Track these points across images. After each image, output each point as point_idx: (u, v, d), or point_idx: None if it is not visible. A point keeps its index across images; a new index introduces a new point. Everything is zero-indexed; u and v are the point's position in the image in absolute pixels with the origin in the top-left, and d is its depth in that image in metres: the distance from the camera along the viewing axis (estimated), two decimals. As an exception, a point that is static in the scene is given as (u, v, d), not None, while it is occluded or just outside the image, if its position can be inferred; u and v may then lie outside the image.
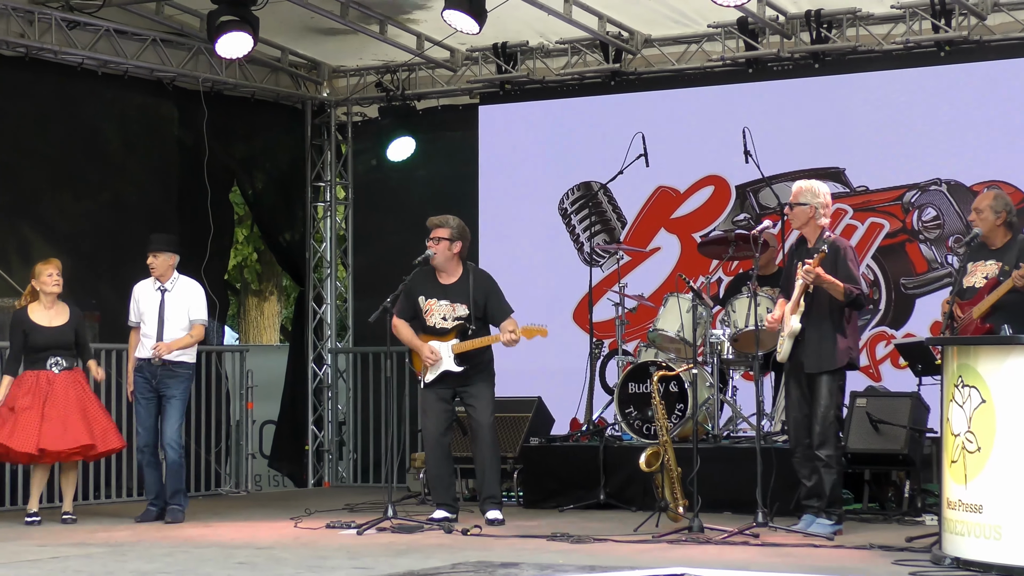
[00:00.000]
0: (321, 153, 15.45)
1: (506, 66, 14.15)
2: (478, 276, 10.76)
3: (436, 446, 10.72)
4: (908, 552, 8.49)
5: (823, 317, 9.58)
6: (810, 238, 9.75)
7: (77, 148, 13.26)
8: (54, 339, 11.13)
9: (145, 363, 11.26)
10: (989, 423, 7.60)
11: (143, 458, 11.33)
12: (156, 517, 11.17)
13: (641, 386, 11.58)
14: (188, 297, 11.36)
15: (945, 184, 12.57)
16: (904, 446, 10.65)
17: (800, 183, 9.92)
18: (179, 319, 11.27)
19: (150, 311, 11.29)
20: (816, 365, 9.58)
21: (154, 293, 11.34)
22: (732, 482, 10.59)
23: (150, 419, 11.29)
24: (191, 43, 13.71)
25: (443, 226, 10.65)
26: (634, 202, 13.74)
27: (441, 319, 10.64)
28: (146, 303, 11.33)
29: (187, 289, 11.41)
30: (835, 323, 9.60)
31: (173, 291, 11.34)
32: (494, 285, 10.76)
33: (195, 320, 11.31)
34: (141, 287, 11.44)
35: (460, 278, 10.69)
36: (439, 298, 10.67)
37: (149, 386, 11.26)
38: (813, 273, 9.38)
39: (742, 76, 13.32)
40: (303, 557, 8.72)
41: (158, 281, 11.35)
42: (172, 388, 11.22)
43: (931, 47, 12.56)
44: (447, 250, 10.63)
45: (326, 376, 15.32)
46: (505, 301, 10.73)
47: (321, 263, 15.52)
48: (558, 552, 8.83)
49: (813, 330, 9.58)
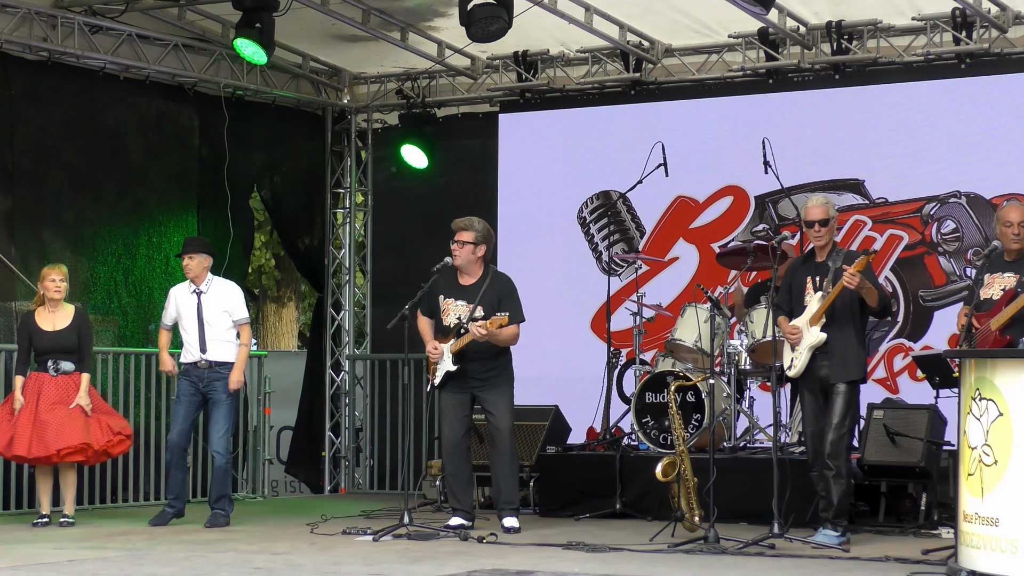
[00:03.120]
0: (341, 159, 15.48)
1: (526, 74, 14.17)
2: (496, 279, 10.73)
3: (454, 451, 10.73)
4: (924, 565, 8.48)
5: (846, 327, 9.58)
6: (821, 252, 9.73)
7: (98, 152, 13.30)
8: (54, 343, 11.16)
9: (191, 366, 11.30)
10: (1006, 436, 7.58)
11: (171, 458, 11.31)
12: (171, 519, 11.17)
13: (658, 396, 11.57)
14: (226, 298, 11.40)
15: (964, 196, 12.55)
16: (921, 459, 10.63)
17: (818, 197, 9.92)
18: (218, 320, 11.31)
19: (188, 314, 11.33)
20: (843, 375, 9.57)
21: (190, 296, 11.38)
22: (748, 493, 10.59)
23: (187, 422, 11.32)
24: (212, 48, 13.75)
25: (468, 229, 10.65)
26: (653, 211, 13.74)
27: (456, 319, 10.64)
28: (184, 307, 11.38)
29: (224, 289, 11.46)
30: (857, 333, 9.62)
31: (209, 292, 11.38)
32: (510, 289, 10.73)
33: (238, 321, 11.35)
34: (178, 290, 11.50)
35: (479, 280, 10.69)
36: (456, 298, 10.68)
37: (195, 389, 11.28)
38: (858, 277, 9.35)
39: (762, 87, 13.33)
40: (319, 563, 8.74)
41: (193, 284, 11.39)
42: (220, 391, 11.22)
43: (952, 59, 12.56)
44: (471, 253, 10.64)
45: (344, 382, 15.34)
46: (518, 306, 10.65)
47: (340, 269, 15.54)
48: (574, 561, 8.83)
49: (837, 341, 9.57)
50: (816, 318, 9.58)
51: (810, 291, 9.66)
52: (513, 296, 10.69)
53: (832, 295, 9.52)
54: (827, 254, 9.67)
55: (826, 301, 9.54)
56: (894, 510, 11.01)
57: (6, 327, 12.40)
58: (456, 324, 10.59)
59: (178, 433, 11.29)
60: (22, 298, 12.37)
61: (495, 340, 10.48)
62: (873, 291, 9.51)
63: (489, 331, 10.36)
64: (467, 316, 10.57)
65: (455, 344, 10.54)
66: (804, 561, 8.82)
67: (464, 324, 10.52)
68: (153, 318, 13.17)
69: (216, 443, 11.24)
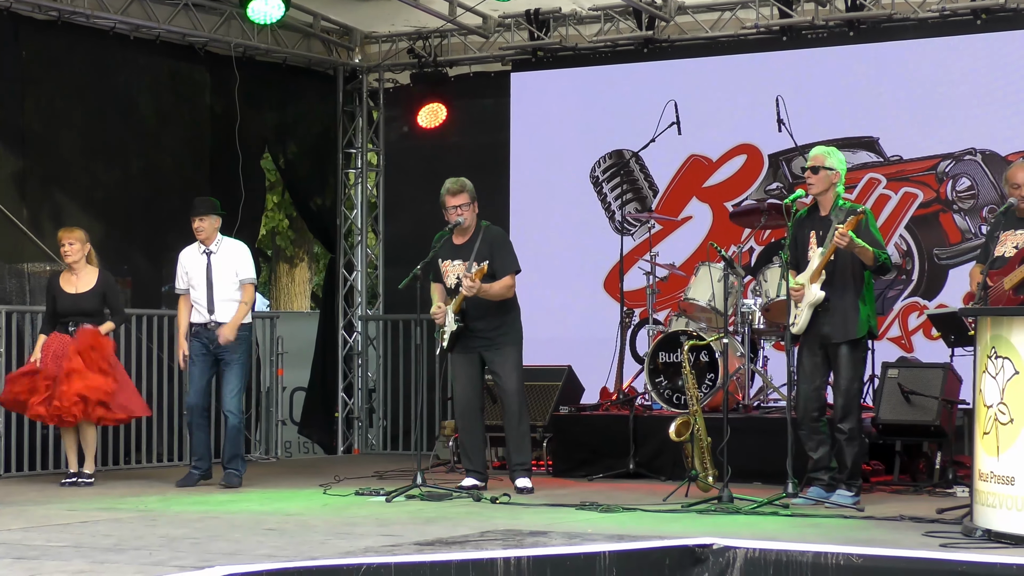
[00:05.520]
0: (353, 120, 15.43)
1: (538, 33, 14.10)
2: (487, 233, 10.67)
3: (466, 412, 10.73)
4: (939, 524, 8.45)
5: (847, 285, 9.50)
6: (824, 205, 9.64)
7: (109, 114, 13.28)
8: (75, 305, 11.24)
9: (201, 328, 11.26)
10: (1022, 395, 7.54)
11: (192, 419, 11.31)
12: (198, 480, 11.19)
13: (672, 355, 11.56)
14: (235, 257, 11.36)
15: (980, 154, 12.48)
16: (936, 417, 10.60)
17: (820, 148, 9.84)
18: (228, 280, 11.27)
19: (198, 275, 11.29)
20: (843, 334, 9.51)
21: (200, 257, 11.34)
22: (762, 452, 10.57)
23: (203, 380, 11.27)
24: (223, 7, 13.70)
25: (463, 191, 10.62)
26: (666, 170, 13.69)
27: (455, 279, 10.61)
28: (193, 268, 11.33)
29: (233, 249, 11.41)
30: (857, 291, 9.53)
31: (219, 253, 11.33)
32: (502, 240, 10.69)
33: (244, 280, 11.30)
34: (187, 253, 11.43)
35: (471, 237, 10.66)
36: (453, 259, 10.66)
37: (206, 350, 11.24)
38: (848, 237, 9.28)
39: (776, 44, 13.25)
40: (332, 524, 8.74)
41: (203, 245, 11.35)
42: (231, 351, 11.19)
43: (967, 15, 12.48)
44: (471, 214, 10.63)
45: (356, 343, 15.33)
46: (511, 257, 10.60)
47: (352, 230, 15.51)
48: (587, 521, 8.82)
49: (837, 299, 9.50)
50: (815, 275, 9.50)
51: (813, 246, 9.58)
52: (504, 246, 10.64)
53: (827, 254, 9.43)
54: (830, 208, 9.58)
55: (823, 259, 9.46)
56: (908, 469, 11.00)
57: (18, 288, 12.41)
58: (456, 284, 10.57)
59: (196, 393, 11.28)
60: (32, 260, 12.37)
61: (487, 295, 10.43)
62: (866, 251, 9.36)
63: (477, 283, 10.31)
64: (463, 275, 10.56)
65: (455, 303, 10.53)
66: (818, 520, 8.80)
67: (461, 283, 10.51)
68: (165, 279, 13.15)
69: (228, 403, 11.23)
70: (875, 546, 7.28)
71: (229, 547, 7.62)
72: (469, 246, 10.62)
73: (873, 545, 7.36)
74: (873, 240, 9.45)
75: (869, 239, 9.41)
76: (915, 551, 7.21)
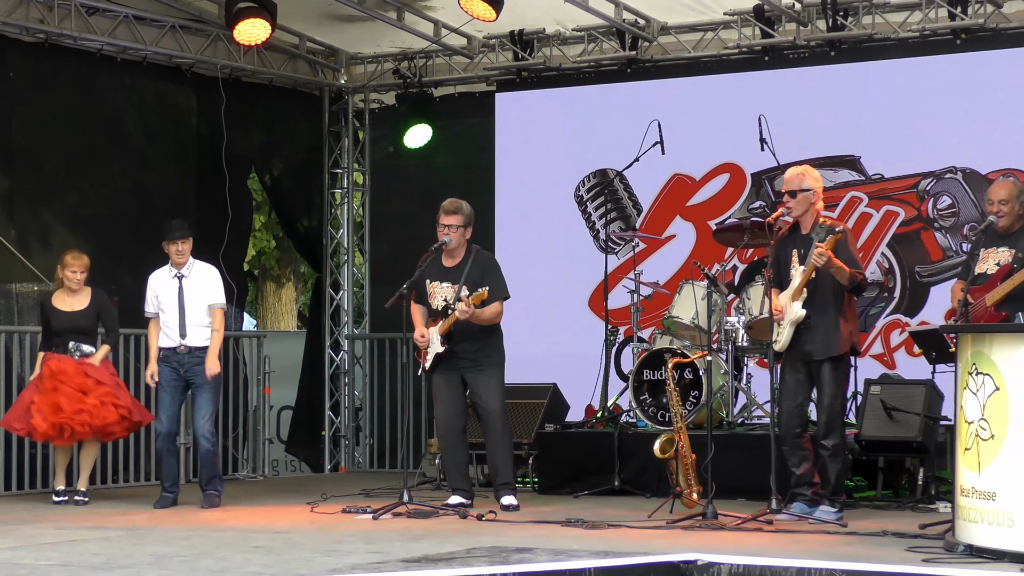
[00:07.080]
0: (339, 140, 15.49)
1: (523, 53, 14.18)
2: (478, 257, 10.73)
3: (449, 432, 10.76)
4: (921, 539, 8.50)
5: (827, 303, 9.54)
6: (806, 224, 9.70)
7: (96, 134, 13.32)
8: (71, 323, 11.27)
9: (170, 352, 11.13)
10: (1003, 411, 7.61)
11: (162, 445, 11.18)
12: (172, 503, 11.18)
13: (656, 373, 11.60)
14: (205, 282, 11.25)
15: (960, 172, 12.57)
16: (918, 433, 10.67)
17: (793, 169, 9.82)
18: (199, 304, 11.16)
19: (168, 299, 11.16)
20: (825, 351, 9.56)
21: (171, 280, 11.22)
22: (746, 469, 10.61)
23: (173, 407, 11.18)
24: (209, 29, 13.76)
25: (458, 212, 10.67)
26: (650, 189, 13.76)
27: (443, 301, 10.66)
28: (164, 292, 11.19)
29: (204, 274, 11.29)
30: (838, 308, 9.57)
31: (190, 276, 11.22)
32: (493, 265, 10.74)
33: (213, 305, 11.17)
34: (157, 276, 11.29)
35: (462, 260, 10.71)
36: (442, 281, 10.71)
37: (176, 375, 11.12)
38: (826, 256, 9.34)
39: (758, 64, 13.33)
40: (319, 541, 8.77)
41: (174, 268, 11.24)
42: (201, 376, 11.08)
43: (947, 35, 12.57)
44: (461, 236, 10.68)
45: (343, 362, 15.37)
46: (502, 283, 10.64)
47: (338, 249, 15.57)
48: (573, 537, 8.86)
49: (818, 316, 9.54)
50: (796, 293, 9.56)
51: (795, 264, 9.63)
52: (496, 272, 10.69)
53: (807, 273, 9.49)
54: (811, 227, 9.64)
55: (803, 277, 9.52)
56: (891, 485, 11.07)
57: (6, 308, 12.43)
58: (443, 306, 10.61)
59: (167, 420, 11.14)
60: (20, 280, 12.40)
61: (478, 320, 10.49)
62: (843, 270, 9.38)
63: (471, 308, 10.38)
64: (453, 297, 10.60)
65: (443, 325, 10.56)
66: (802, 536, 8.86)
67: (451, 305, 10.55)
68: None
69: (201, 427, 11.10)
70: (858, 561, 7.35)
71: (216, 565, 7.65)
72: (459, 269, 10.67)
73: (856, 560, 7.43)
74: (849, 259, 9.50)
75: (846, 257, 9.47)
76: (898, 566, 7.29)
